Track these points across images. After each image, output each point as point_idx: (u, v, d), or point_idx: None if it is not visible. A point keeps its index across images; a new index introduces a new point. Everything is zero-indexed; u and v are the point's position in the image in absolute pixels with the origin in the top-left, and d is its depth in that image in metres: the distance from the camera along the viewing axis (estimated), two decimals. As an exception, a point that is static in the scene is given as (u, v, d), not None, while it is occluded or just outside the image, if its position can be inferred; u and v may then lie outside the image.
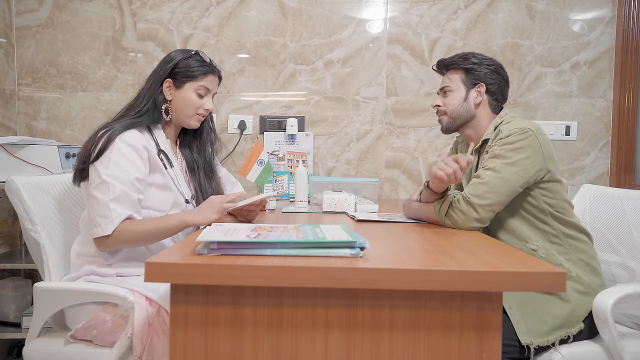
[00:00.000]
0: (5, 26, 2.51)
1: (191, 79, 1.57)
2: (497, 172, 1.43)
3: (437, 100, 1.72)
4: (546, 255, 1.46)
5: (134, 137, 1.47)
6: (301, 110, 2.60)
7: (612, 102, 2.56)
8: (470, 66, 1.65)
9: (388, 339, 0.96)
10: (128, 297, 1.33)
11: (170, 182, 1.55)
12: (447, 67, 1.71)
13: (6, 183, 1.50)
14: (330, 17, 2.57)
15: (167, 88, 1.57)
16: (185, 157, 1.69)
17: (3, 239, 2.46)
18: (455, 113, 1.65)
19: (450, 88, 1.67)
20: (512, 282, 0.92)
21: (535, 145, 1.45)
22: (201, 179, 1.67)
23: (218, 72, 1.65)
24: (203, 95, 1.60)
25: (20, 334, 2.17)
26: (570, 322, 1.42)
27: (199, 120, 1.63)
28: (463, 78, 1.66)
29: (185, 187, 1.63)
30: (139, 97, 1.58)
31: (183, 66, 1.57)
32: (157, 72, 1.59)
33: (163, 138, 1.60)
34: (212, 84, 1.62)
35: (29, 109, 2.59)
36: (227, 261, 0.94)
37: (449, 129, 1.69)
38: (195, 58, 1.59)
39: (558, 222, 1.49)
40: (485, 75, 1.64)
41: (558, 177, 1.52)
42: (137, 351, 1.28)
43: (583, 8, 2.55)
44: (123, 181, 1.40)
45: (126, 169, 1.42)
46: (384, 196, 2.61)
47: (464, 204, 1.42)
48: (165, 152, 1.58)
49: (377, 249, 1.10)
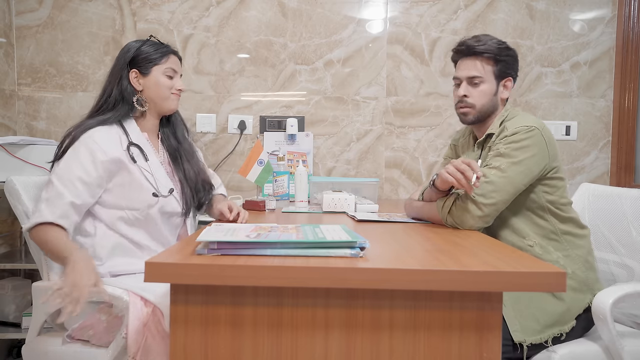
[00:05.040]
0: (5, 26, 2.51)
1: (155, 64, 1.57)
2: (503, 172, 1.41)
3: (462, 89, 1.56)
4: (542, 251, 1.46)
5: (97, 136, 1.47)
6: (301, 110, 2.60)
7: (612, 102, 2.56)
8: (505, 58, 1.53)
9: (388, 339, 0.96)
10: (123, 297, 1.33)
11: (140, 177, 1.51)
12: (480, 53, 1.54)
13: (5, 183, 1.50)
14: (330, 17, 2.57)
15: (134, 79, 1.56)
16: (167, 148, 1.67)
17: (3, 239, 2.46)
18: (485, 108, 1.55)
19: (483, 79, 1.53)
20: (512, 282, 0.92)
21: (541, 143, 1.43)
22: (185, 166, 1.64)
23: (177, 52, 1.65)
24: (172, 77, 1.60)
25: (20, 334, 2.17)
26: (563, 320, 1.41)
27: (177, 99, 1.63)
28: (495, 70, 1.53)
29: (166, 179, 1.58)
30: (103, 94, 1.57)
31: (142, 53, 1.56)
32: (116, 65, 1.58)
33: (137, 131, 1.58)
34: (176, 65, 1.62)
35: (28, 109, 2.59)
36: (227, 261, 0.94)
37: (473, 123, 1.58)
38: (151, 43, 1.59)
39: (556, 218, 1.49)
40: (512, 68, 1.55)
41: (561, 174, 1.50)
42: (131, 351, 1.28)
43: (583, 8, 2.55)
44: (63, 181, 1.40)
45: (72, 168, 1.42)
46: (384, 196, 2.61)
47: (468, 202, 1.40)
48: (139, 145, 1.55)
49: (377, 249, 1.10)
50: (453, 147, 1.80)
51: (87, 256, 1.31)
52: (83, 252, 1.31)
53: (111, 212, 1.50)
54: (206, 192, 1.69)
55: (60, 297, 1.19)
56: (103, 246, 1.49)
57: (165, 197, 1.54)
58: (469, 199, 1.40)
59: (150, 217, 1.52)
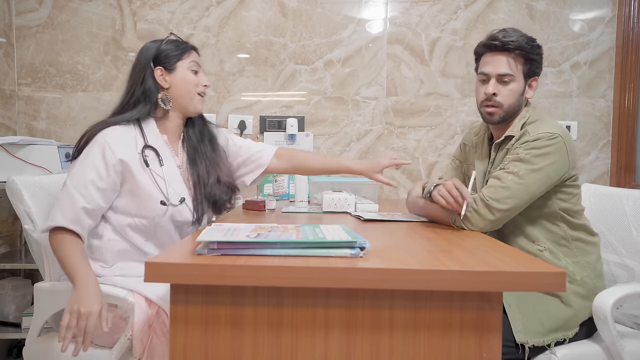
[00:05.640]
0: (5, 26, 2.51)
1: (179, 59, 1.54)
2: (520, 178, 1.37)
3: (491, 87, 1.47)
4: (552, 257, 1.44)
5: (110, 135, 1.43)
6: (301, 110, 2.60)
7: (612, 102, 2.56)
8: (535, 57, 1.47)
9: (388, 339, 0.96)
10: (128, 299, 1.32)
11: (150, 184, 1.45)
12: (512, 50, 1.46)
13: (7, 183, 1.50)
14: (330, 17, 2.57)
15: (160, 76, 1.52)
16: (187, 150, 1.59)
17: (3, 239, 2.46)
18: (511, 108, 1.49)
19: (514, 78, 1.46)
20: (512, 282, 0.92)
21: (562, 151, 1.39)
22: (200, 171, 1.56)
23: (197, 48, 1.62)
24: (197, 72, 1.57)
25: (20, 334, 2.17)
26: (568, 326, 1.40)
27: (202, 102, 1.58)
28: (525, 69, 1.47)
29: (181, 186, 1.52)
30: (126, 95, 1.53)
31: (164, 50, 1.53)
32: (138, 65, 1.54)
33: (155, 132, 1.52)
34: (198, 59, 1.60)
35: (28, 109, 2.59)
36: (227, 261, 0.94)
37: (499, 123, 1.51)
38: (171, 40, 1.57)
39: (568, 225, 1.47)
40: (539, 67, 1.49)
41: (578, 182, 1.48)
42: (137, 352, 1.28)
43: (583, 8, 2.55)
44: (77, 185, 1.38)
45: (86, 171, 1.39)
46: (384, 196, 2.61)
47: (481, 205, 1.38)
48: (155, 148, 1.49)
49: (377, 249, 1.10)
50: (463, 146, 1.75)
51: (93, 280, 1.29)
52: (89, 277, 1.29)
53: (120, 217, 1.45)
54: (225, 195, 1.60)
55: (70, 331, 1.22)
56: (109, 250, 1.46)
57: (175, 206, 1.47)
58: (482, 201, 1.38)
59: (160, 226, 1.47)
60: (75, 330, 1.23)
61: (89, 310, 1.23)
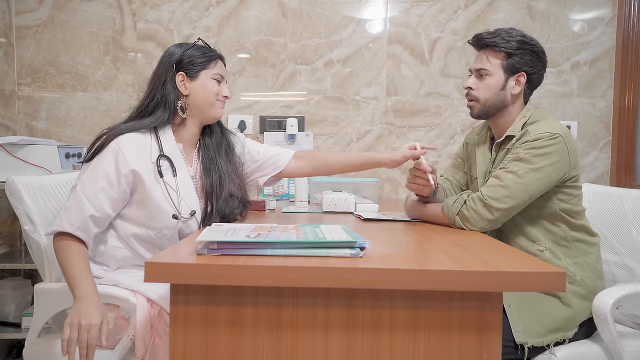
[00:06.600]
0: (5, 26, 2.51)
1: (204, 67, 1.50)
2: (520, 177, 1.37)
3: (469, 81, 1.52)
4: (552, 256, 1.44)
5: (124, 143, 1.38)
6: (301, 110, 2.60)
7: (612, 102, 2.56)
8: (513, 51, 1.47)
9: (388, 339, 0.96)
10: (130, 299, 1.32)
11: (161, 196, 1.41)
12: (486, 45, 1.51)
13: (6, 183, 1.49)
14: (330, 17, 2.57)
15: (180, 82, 1.47)
16: (202, 159, 1.55)
17: (3, 239, 2.46)
18: (489, 102, 1.50)
19: (488, 72, 1.49)
20: (512, 282, 0.92)
21: (563, 151, 1.39)
22: (214, 182, 1.52)
23: (223, 57, 1.59)
24: (219, 82, 1.53)
25: (20, 334, 2.17)
26: (567, 326, 1.40)
27: (222, 107, 1.54)
28: (504, 64, 1.48)
29: (193, 198, 1.49)
30: (146, 99, 1.49)
31: (189, 56, 1.49)
32: (160, 69, 1.49)
33: (171, 141, 1.49)
34: (223, 71, 1.55)
35: (28, 109, 2.59)
36: (227, 261, 0.94)
37: (480, 117, 1.55)
38: (198, 46, 1.52)
39: (568, 226, 1.46)
40: (528, 63, 1.48)
41: (579, 183, 1.48)
42: (139, 353, 1.27)
43: (583, 8, 2.55)
44: (87, 191, 1.34)
45: (97, 178, 1.35)
46: (384, 196, 2.61)
47: (479, 204, 1.38)
48: (170, 158, 1.46)
49: (377, 249, 1.09)
50: (465, 145, 1.75)
51: (94, 293, 1.27)
52: (90, 290, 1.27)
53: (127, 225, 1.43)
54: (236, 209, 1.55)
55: (72, 345, 1.20)
56: (113, 256, 1.45)
57: (184, 221, 1.44)
58: (480, 201, 1.38)
59: (165, 238, 1.44)
60: (78, 344, 1.21)
61: (90, 322, 1.21)
